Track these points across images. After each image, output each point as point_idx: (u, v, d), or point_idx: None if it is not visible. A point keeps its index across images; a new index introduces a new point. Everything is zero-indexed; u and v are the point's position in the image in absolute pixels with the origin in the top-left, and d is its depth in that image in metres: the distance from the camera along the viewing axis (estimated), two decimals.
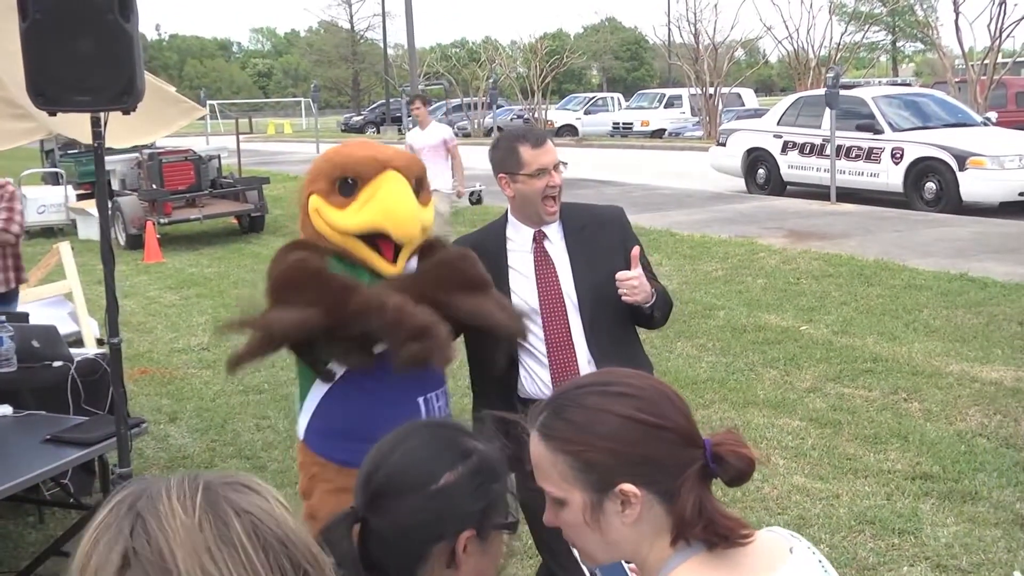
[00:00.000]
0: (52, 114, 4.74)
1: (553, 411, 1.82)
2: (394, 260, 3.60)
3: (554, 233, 3.98)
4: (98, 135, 4.85)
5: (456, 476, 1.93)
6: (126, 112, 4.63)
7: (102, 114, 4.81)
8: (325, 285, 3.44)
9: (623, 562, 2.00)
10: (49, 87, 4.47)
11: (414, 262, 3.74)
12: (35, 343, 6.24)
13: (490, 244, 4.01)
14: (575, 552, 1.92)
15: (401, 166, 3.62)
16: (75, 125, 5.50)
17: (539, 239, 3.96)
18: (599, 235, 3.99)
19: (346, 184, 3.58)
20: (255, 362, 3.61)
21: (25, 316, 6.85)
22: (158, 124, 6.37)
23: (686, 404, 1.83)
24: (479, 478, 1.94)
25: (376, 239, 3.57)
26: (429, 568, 1.91)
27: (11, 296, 7.62)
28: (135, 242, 17.10)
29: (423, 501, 1.91)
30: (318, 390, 3.67)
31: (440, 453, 1.97)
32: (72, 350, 6.52)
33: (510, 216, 4.04)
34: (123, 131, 5.45)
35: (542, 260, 3.94)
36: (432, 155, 12.80)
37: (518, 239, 3.99)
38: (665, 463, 1.75)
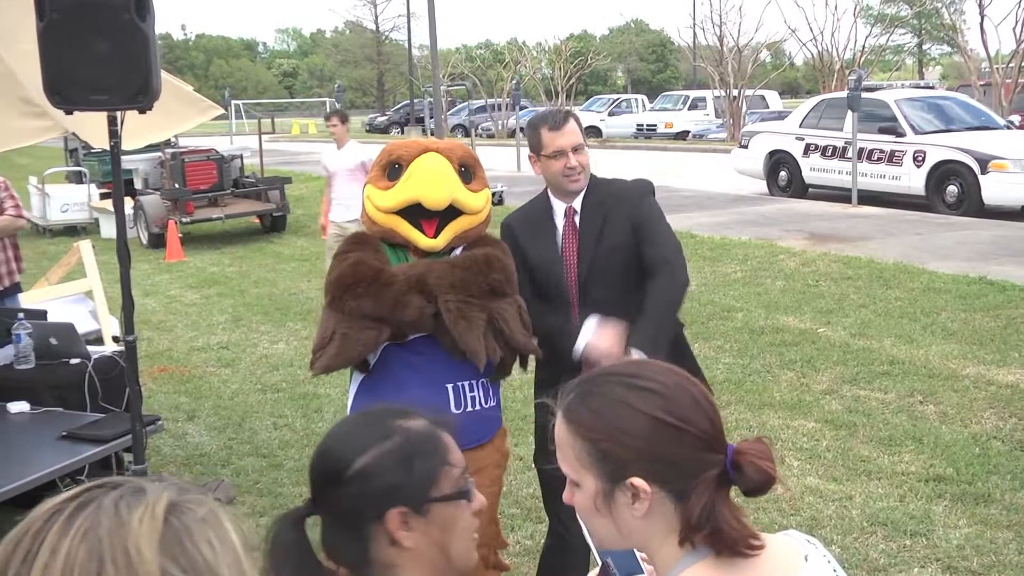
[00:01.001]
0: (68, 113, 4.79)
1: (579, 395, 1.84)
2: (435, 236, 3.84)
3: (580, 207, 4.23)
4: (114, 134, 4.90)
5: (371, 457, 1.94)
6: (142, 111, 4.68)
7: (118, 113, 4.86)
8: (379, 295, 3.66)
9: (635, 550, 2.01)
10: (65, 86, 4.52)
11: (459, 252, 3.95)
12: (53, 340, 6.31)
13: (535, 216, 4.30)
14: (584, 531, 1.93)
15: (442, 148, 3.94)
16: (90, 126, 5.54)
17: (570, 215, 4.21)
18: (613, 210, 4.17)
19: (393, 168, 3.90)
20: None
21: (44, 314, 6.91)
22: (173, 121, 6.41)
23: (714, 407, 1.82)
24: (398, 455, 1.94)
25: (418, 217, 3.82)
26: (375, 549, 1.93)
27: (16, 289, 7.66)
28: (157, 241, 17.19)
29: (342, 486, 1.94)
30: (356, 378, 3.89)
31: (358, 436, 2.00)
32: (90, 348, 6.58)
33: (548, 192, 4.30)
34: (138, 129, 5.48)
35: (569, 232, 4.19)
36: (349, 178, 11.44)
37: (557, 210, 4.24)
38: (680, 464, 1.74)
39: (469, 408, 3.85)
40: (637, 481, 1.73)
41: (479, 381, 3.88)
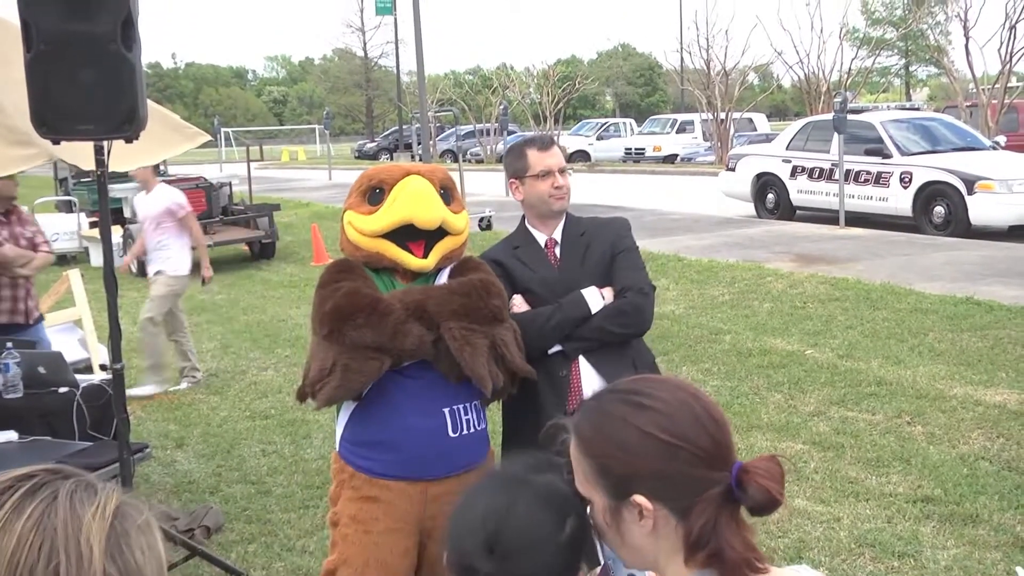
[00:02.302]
0: (55, 143, 4.80)
1: (585, 412, 1.85)
2: (425, 256, 3.84)
3: (560, 238, 4.24)
4: (101, 163, 4.91)
5: (571, 524, 1.98)
6: (128, 141, 4.70)
7: (105, 143, 4.88)
8: (379, 325, 3.63)
9: None
10: (52, 116, 4.54)
11: (444, 278, 3.95)
12: (41, 369, 6.30)
13: (518, 243, 4.30)
14: (596, 541, 1.96)
15: (424, 171, 3.93)
16: (78, 150, 5.56)
17: (551, 246, 4.22)
18: (593, 240, 4.21)
19: (374, 193, 3.87)
20: None
21: (32, 343, 6.91)
22: (161, 147, 6.43)
23: (718, 423, 1.79)
24: (583, 519, 1.96)
25: (405, 240, 3.80)
26: None
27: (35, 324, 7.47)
28: (143, 269, 17.14)
29: (553, 554, 1.97)
30: (348, 406, 3.84)
31: (552, 504, 2.01)
32: (79, 376, 6.58)
33: (527, 223, 4.30)
34: (126, 154, 5.50)
35: (551, 263, 4.21)
36: (152, 228, 10.05)
37: (539, 241, 4.25)
38: (678, 481, 1.73)
39: (464, 431, 3.85)
40: (639, 498, 1.73)
41: (472, 404, 3.89)
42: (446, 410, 3.80)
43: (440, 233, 3.85)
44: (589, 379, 4.04)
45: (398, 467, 3.73)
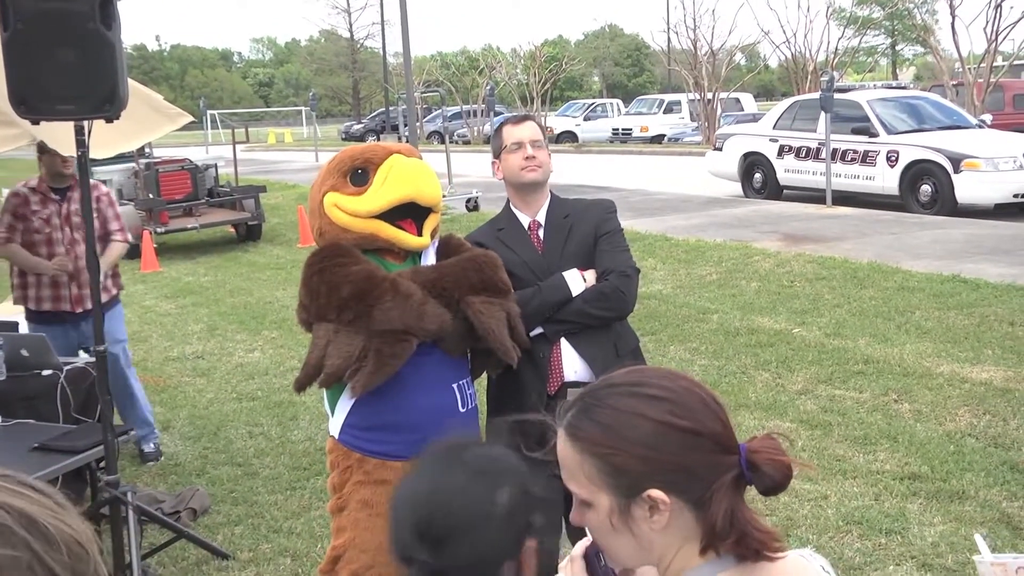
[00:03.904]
0: (35, 123, 4.76)
1: (581, 410, 1.76)
2: (420, 234, 3.82)
3: (544, 220, 4.25)
4: (81, 143, 4.88)
5: (508, 493, 1.90)
6: (109, 120, 4.65)
7: (85, 123, 4.84)
8: (404, 307, 3.60)
9: None
10: (31, 96, 4.50)
11: (432, 257, 3.93)
12: (24, 352, 6.27)
13: (502, 225, 4.30)
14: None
15: (403, 151, 3.89)
16: (59, 134, 5.52)
17: (534, 228, 4.23)
18: (577, 222, 4.22)
19: (356, 174, 3.80)
20: None
21: (15, 325, 6.87)
22: (144, 129, 6.38)
23: (721, 405, 1.77)
24: (523, 488, 1.91)
25: (396, 218, 3.77)
26: None
27: (115, 300, 7.47)
28: (132, 251, 17.05)
29: (491, 529, 1.87)
30: (348, 389, 3.75)
31: (484, 477, 1.92)
32: (63, 359, 6.54)
33: (511, 205, 4.31)
34: (108, 138, 5.45)
35: (534, 244, 4.20)
36: None
37: (522, 223, 4.25)
38: (698, 471, 1.69)
39: (470, 405, 3.90)
40: (655, 493, 1.67)
41: (468, 380, 3.93)
42: (455, 386, 3.83)
43: (426, 211, 3.84)
44: (571, 361, 4.04)
45: (415, 447, 3.71)
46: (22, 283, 7.13)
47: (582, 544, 1.91)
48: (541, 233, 4.21)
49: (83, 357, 6.98)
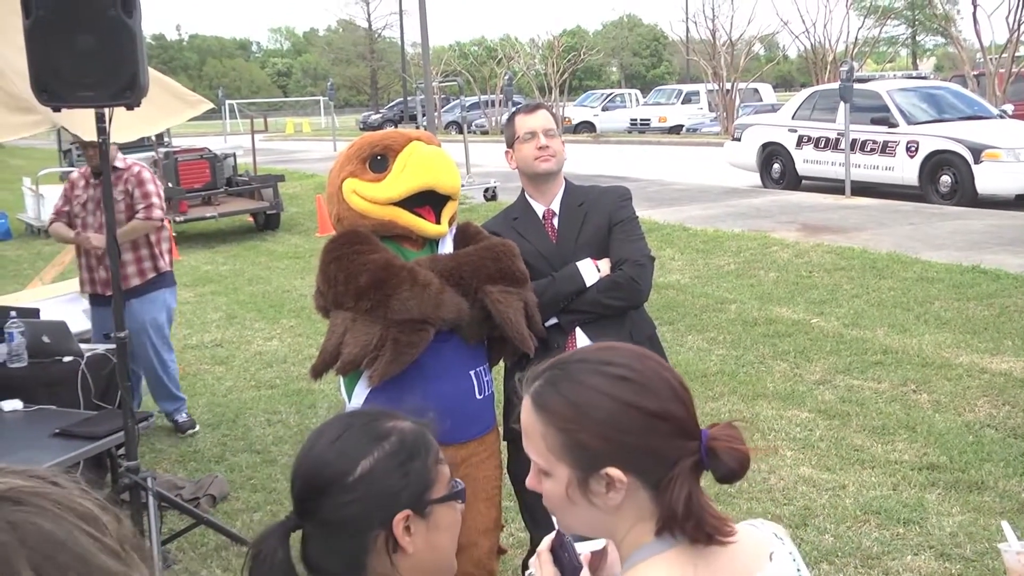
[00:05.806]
0: (56, 110, 4.78)
1: (549, 381, 1.77)
2: (438, 222, 3.83)
3: (558, 209, 4.25)
4: (102, 131, 4.89)
5: (373, 461, 1.87)
6: (129, 108, 4.67)
7: (106, 110, 4.86)
8: (422, 296, 3.60)
9: None
10: (52, 83, 4.51)
11: (450, 245, 3.93)
12: (45, 339, 6.31)
13: (517, 215, 4.31)
14: (554, 518, 1.87)
15: (423, 138, 3.90)
16: (80, 119, 5.54)
17: (549, 217, 4.23)
18: (592, 209, 4.22)
19: (376, 160, 3.80)
20: None
21: (36, 312, 6.90)
22: (163, 115, 6.41)
23: (687, 391, 1.78)
24: (399, 458, 1.88)
25: (414, 206, 3.78)
26: (374, 558, 1.86)
27: (154, 283, 7.59)
28: None
29: (345, 494, 1.85)
30: (365, 376, 3.75)
31: (353, 442, 1.91)
32: (84, 345, 6.57)
33: (525, 194, 4.32)
34: (129, 122, 5.47)
35: (549, 233, 4.22)
36: None
37: (537, 212, 4.26)
38: (658, 454, 1.70)
39: (487, 392, 3.92)
40: (613, 471, 1.69)
41: (485, 367, 3.93)
42: (472, 372, 3.84)
43: (444, 198, 3.84)
44: None
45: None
46: (77, 266, 7.68)
47: (548, 539, 1.91)
48: (555, 222, 4.21)
49: (103, 344, 6.98)
